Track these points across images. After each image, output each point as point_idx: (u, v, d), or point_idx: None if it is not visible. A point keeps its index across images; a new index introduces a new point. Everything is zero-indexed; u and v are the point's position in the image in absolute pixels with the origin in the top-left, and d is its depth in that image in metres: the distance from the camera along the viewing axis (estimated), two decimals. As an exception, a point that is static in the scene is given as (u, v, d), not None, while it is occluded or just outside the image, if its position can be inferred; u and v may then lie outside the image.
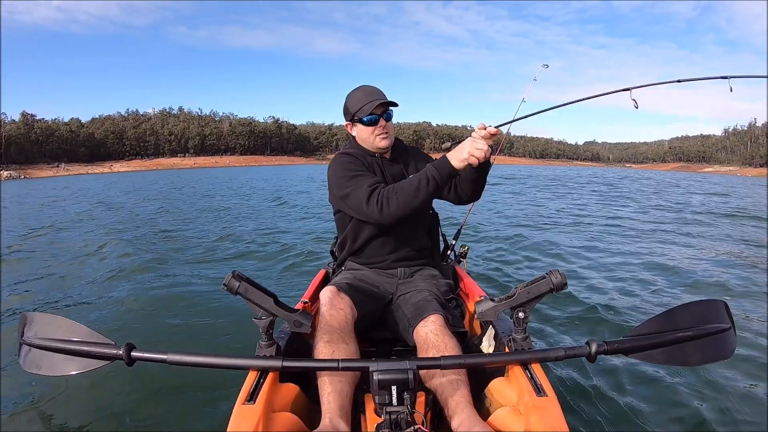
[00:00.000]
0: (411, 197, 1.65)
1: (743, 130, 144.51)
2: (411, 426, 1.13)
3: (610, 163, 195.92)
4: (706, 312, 1.44)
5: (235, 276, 1.34)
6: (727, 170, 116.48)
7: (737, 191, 22.20)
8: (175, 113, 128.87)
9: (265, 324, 1.38)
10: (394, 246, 1.94)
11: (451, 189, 1.99)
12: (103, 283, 4.52)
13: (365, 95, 1.89)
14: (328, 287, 1.66)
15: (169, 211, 10.56)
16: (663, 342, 1.37)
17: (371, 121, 1.87)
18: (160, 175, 46.33)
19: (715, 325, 1.40)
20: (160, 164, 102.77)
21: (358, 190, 1.71)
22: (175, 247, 6.24)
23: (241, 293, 1.34)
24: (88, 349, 1.41)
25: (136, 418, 2.22)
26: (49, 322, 1.49)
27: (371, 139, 1.90)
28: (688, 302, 1.47)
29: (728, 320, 1.43)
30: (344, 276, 1.91)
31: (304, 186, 22.72)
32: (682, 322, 1.41)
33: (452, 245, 2.83)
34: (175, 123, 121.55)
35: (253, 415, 1.17)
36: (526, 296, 1.37)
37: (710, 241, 7.06)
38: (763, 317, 3.50)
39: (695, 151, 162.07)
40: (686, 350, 1.38)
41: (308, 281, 2.35)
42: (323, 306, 1.58)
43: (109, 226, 8.07)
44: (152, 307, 3.75)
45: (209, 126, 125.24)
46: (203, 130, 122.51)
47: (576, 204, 13.13)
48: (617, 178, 33.55)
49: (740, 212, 11.28)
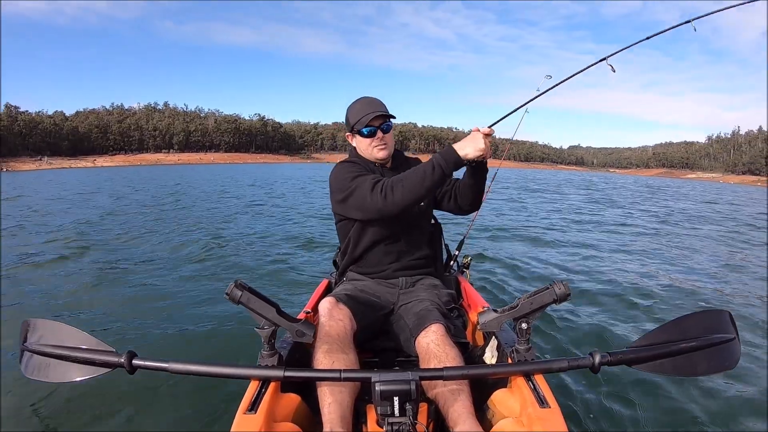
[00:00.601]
0: (417, 184, 1.63)
1: (726, 137, 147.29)
2: None
3: (595, 167, 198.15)
4: (711, 322, 1.43)
5: (238, 285, 1.34)
6: (709, 177, 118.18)
7: (739, 199, 22.29)
8: (161, 108, 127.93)
9: (267, 334, 1.37)
10: (395, 255, 1.94)
11: (451, 198, 2.02)
12: (103, 289, 4.52)
13: (363, 107, 1.91)
14: (326, 298, 1.66)
15: (172, 213, 10.58)
16: (667, 353, 1.36)
17: (369, 132, 1.89)
18: (153, 171, 45.58)
19: (719, 336, 1.39)
20: (144, 159, 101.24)
21: (362, 185, 1.71)
22: (179, 254, 6.24)
23: (244, 303, 1.33)
24: (90, 357, 1.41)
25: (136, 427, 2.21)
26: (51, 328, 1.49)
27: (369, 150, 1.93)
28: (691, 312, 1.46)
29: (733, 330, 1.42)
30: (344, 287, 1.91)
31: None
32: (686, 333, 1.40)
33: (455, 256, 2.82)
34: (160, 118, 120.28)
35: (254, 424, 1.17)
36: (529, 307, 1.37)
37: (713, 248, 7.05)
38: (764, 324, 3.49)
39: (678, 158, 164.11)
40: (690, 361, 1.37)
41: (311, 291, 2.35)
42: (322, 317, 1.58)
43: (108, 230, 8.09)
44: (153, 314, 3.74)
45: (194, 122, 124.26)
46: (188, 126, 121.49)
47: (576, 212, 13.12)
48: (612, 187, 33.22)
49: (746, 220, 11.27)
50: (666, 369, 1.38)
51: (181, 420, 2.24)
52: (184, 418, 2.25)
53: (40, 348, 1.44)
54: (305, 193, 18.50)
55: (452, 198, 2.01)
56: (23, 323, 1.52)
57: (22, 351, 1.50)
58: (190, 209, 11.48)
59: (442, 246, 2.27)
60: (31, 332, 1.49)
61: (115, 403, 2.36)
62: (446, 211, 2.10)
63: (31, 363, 1.47)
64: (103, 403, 2.36)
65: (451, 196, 2.01)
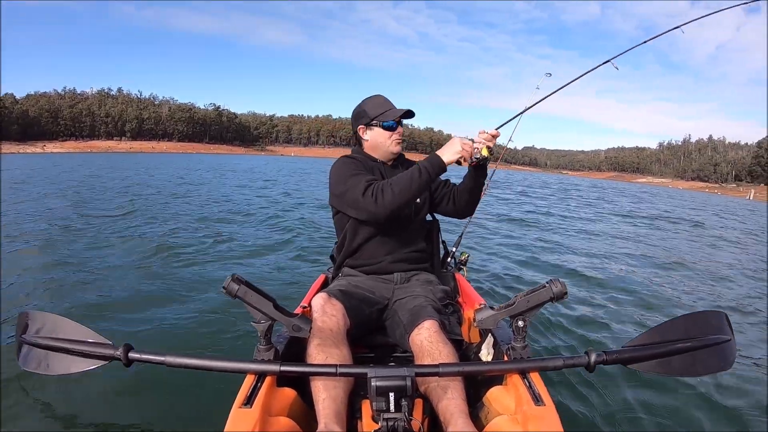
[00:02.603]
0: (405, 188, 1.75)
1: (677, 145, 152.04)
2: None
3: (548, 168, 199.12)
4: (706, 323, 1.44)
5: (235, 279, 1.34)
6: (659, 182, 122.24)
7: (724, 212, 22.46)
8: (114, 94, 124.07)
9: (263, 328, 1.38)
10: (390, 248, 1.97)
11: (449, 200, 2.11)
12: (101, 281, 4.51)
13: (386, 102, 2.04)
14: (319, 294, 1.66)
15: (167, 206, 10.55)
16: (663, 353, 1.37)
17: (391, 126, 2.00)
18: (112, 159, 43.45)
19: (715, 336, 1.40)
20: (94, 147, 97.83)
21: (356, 186, 1.80)
22: (175, 246, 6.23)
23: (241, 297, 1.34)
24: (86, 349, 1.41)
25: (131, 420, 2.21)
26: (48, 321, 1.50)
27: (387, 143, 2.02)
28: (688, 313, 1.47)
29: (729, 331, 1.43)
30: (338, 283, 1.93)
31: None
32: (681, 333, 1.41)
33: (452, 252, 2.81)
34: (113, 104, 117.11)
35: (249, 419, 1.17)
36: (526, 305, 1.38)
37: (708, 250, 7.07)
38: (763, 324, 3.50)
39: (630, 162, 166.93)
40: (686, 361, 1.38)
41: (308, 286, 2.35)
42: (315, 312, 1.59)
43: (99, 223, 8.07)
44: (150, 307, 3.74)
45: (148, 110, 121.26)
46: (141, 113, 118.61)
47: (572, 212, 13.15)
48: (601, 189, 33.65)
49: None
50: (662, 369, 1.38)
51: (177, 414, 2.24)
52: (180, 412, 2.25)
53: (38, 340, 1.44)
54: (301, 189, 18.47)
55: (450, 200, 2.11)
56: (21, 315, 1.52)
57: (20, 343, 1.50)
58: (183, 202, 11.44)
59: (439, 242, 2.29)
60: (28, 324, 1.49)
61: (111, 396, 2.36)
62: (443, 214, 2.18)
63: (28, 355, 1.48)
64: (98, 396, 2.36)
65: (450, 199, 2.11)
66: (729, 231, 11.73)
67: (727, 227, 12.91)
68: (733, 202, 40.19)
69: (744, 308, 4.18)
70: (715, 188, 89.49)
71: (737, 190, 78.66)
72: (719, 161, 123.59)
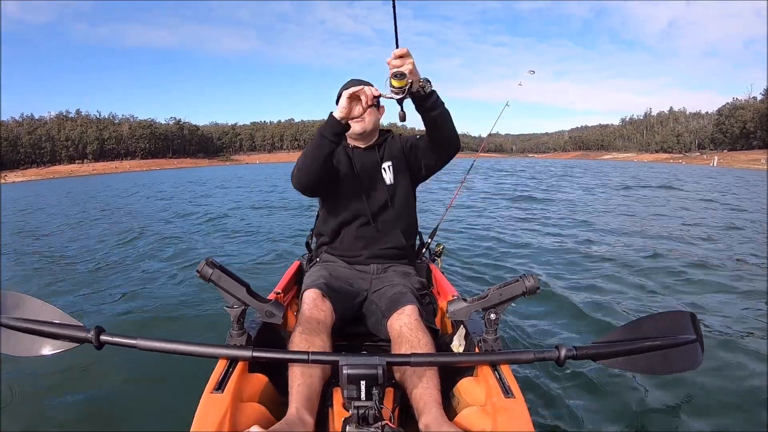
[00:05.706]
0: (309, 153, 1.74)
1: (639, 119, 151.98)
2: (379, 421, 1.14)
3: (514, 153, 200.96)
4: (674, 323, 1.47)
5: (209, 263, 1.33)
6: (624, 157, 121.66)
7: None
8: (73, 116, 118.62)
9: (236, 313, 1.37)
10: (367, 241, 1.96)
11: (428, 150, 1.93)
12: (74, 266, 4.44)
13: (354, 83, 1.87)
14: (312, 290, 1.66)
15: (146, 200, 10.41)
16: (630, 350, 1.40)
17: None
18: (81, 183, 38.32)
19: (682, 336, 1.43)
20: (56, 172, 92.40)
21: None
22: (150, 234, 6.16)
23: (214, 281, 1.33)
24: (57, 331, 1.39)
25: (102, 404, 2.19)
26: (20, 301, 1.46)
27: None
28: (657, 312, 1.50)
29: (694, 332, 1.46)
30: (320, 272, 1.88)
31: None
32: (650, 332, 1.44)
33: (427, 243, 2.81)
34: (72, 127, 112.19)
35: (220, 404, 1.17)
36: (499, 298, 1.39)
37: (689, 241, 7.20)
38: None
39: (594, 140, 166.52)
40: (652, 359, 1.41)
41: (282, 273, 2.34)
42: (306, 305, 1.59)
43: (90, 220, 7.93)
44: (122, 291, 3.69)
45: (108, 129, 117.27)
46: (102, 134, 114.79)
47: (553, 201, 13.25)
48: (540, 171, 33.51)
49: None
50: (629, 365, 1.41)
51: (148, 397, 2.22)
52: (151, 397, 2.23)
53: (9, 321, 1.41)
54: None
55: (428, 149, 1.93)
56: None
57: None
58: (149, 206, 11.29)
59: (415, 234, 2.25)
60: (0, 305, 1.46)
61: (82, 379, 2.33)
62: (433, 169, 2.02)
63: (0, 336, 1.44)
64: (69, 379, 2.33)
65: (427, 149, 1.93)
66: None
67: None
68: (699, 170, 40.36)
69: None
70: (680, 158, 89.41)
71: (701, 158, 79.03)
72: (681, 132, 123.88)
